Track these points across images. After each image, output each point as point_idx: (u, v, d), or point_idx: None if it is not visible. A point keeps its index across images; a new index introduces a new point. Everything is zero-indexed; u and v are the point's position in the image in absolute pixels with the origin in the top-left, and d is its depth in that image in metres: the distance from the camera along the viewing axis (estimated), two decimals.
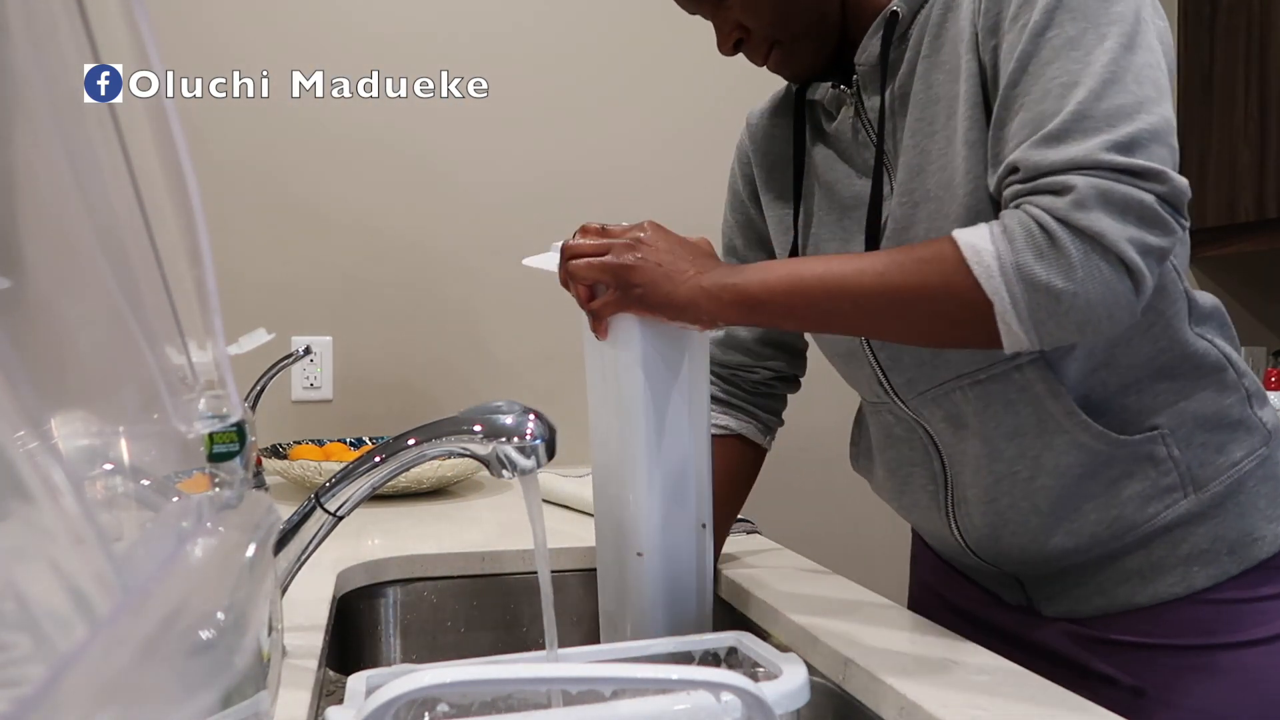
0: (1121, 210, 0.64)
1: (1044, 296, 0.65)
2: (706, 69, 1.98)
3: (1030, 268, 0.65)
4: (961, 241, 0.67)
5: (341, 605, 0.99)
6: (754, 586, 0.91)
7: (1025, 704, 0.62)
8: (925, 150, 0.78)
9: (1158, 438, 0.78)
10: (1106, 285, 0.64)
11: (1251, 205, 2.08)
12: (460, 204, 1.82)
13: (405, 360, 1.80)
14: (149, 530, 0.38)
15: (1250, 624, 0.78)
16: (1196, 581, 0.79)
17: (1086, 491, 0.79)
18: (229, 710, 0.33)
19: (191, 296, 0.42)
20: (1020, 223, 0.65)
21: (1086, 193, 0.63)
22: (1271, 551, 0.79)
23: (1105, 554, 0.81)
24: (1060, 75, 0.67)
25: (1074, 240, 0.64)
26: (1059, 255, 0.64)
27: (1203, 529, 0.79)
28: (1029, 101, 0.68)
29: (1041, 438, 0.79)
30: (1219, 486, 0.78)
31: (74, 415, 0.33)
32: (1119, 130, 0.65)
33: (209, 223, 0.41)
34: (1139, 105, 0.66)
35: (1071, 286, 0.64)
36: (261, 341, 1.30)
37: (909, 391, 0.85)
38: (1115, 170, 0.64)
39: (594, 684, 0.62)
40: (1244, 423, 0.80)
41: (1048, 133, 0.66)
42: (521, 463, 0.64)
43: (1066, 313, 0.65)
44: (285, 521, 0.70)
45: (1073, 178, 0.64)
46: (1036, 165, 0.66)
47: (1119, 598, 0.81)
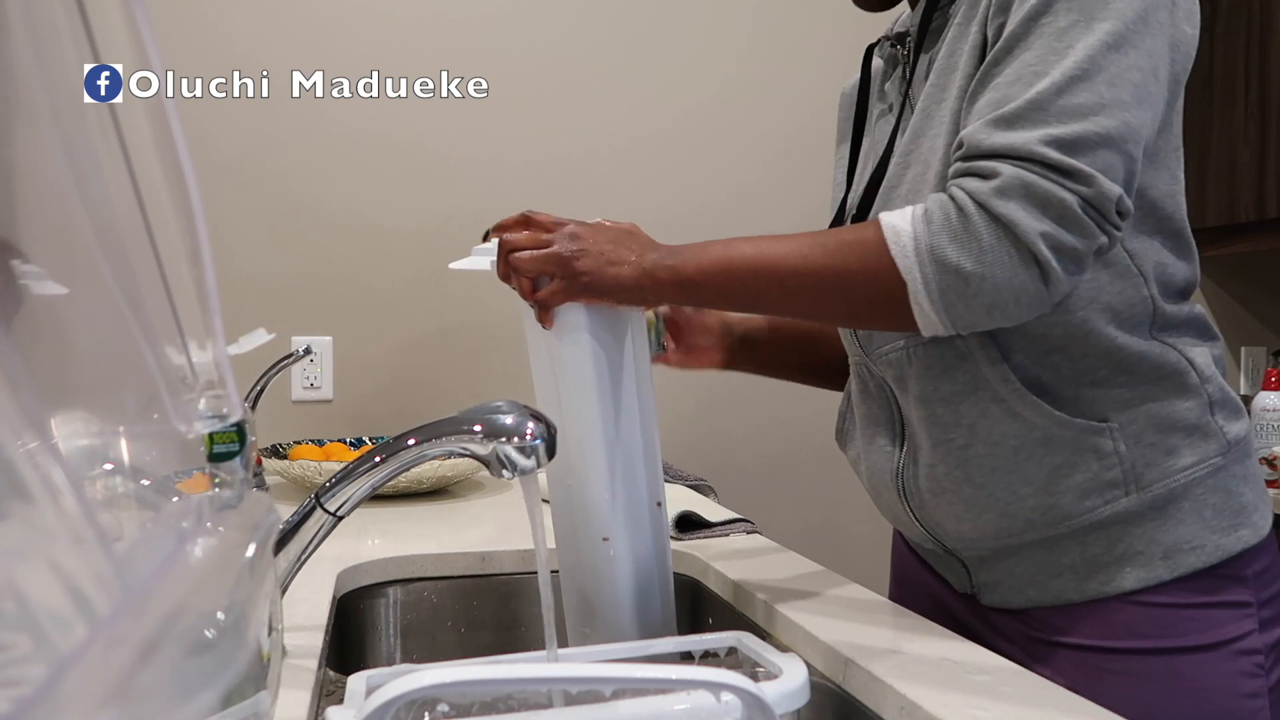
0: (1041, 205, 0.65)
1: (953, 277, 0.67)
2: (707, 69, 1.98)
3: (943, 249, 0.67)
4: (884, 223, 0.70)
5: (341, 605, 0.99)
6: (754, 586, 0.91)
7: (1026, 704, 0.62)
8: (930, 115, 0.80)
9: (1106, 430, 0.77)
10: (1013, 273, 0.66)
11: (1251, 205, 2.08)
12: (460, 204, 1.82)
13: (405, 360, 1.80)
14: (149, 530, 0.38)
15: (1184, 630, 0.76)
16: (1125, 583, 0.78)
17: (1024, 474, 0.78)
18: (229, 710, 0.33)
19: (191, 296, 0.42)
20: (940, 204, 0.68)
21: (1010, 181, 0.65)
22: (1207, 563, 0.76)
23: (1039, 541, 0.80)
24: (1035, 62, 0.68)
25: (987, 225, 0.66)
26: (970, 238, 0.66)
27: (1139, 530, 0.77)
28: (999, 82, 0.70)
29: (977, 405, 0.79)
30: (1162, 489, 0.77)
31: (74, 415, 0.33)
32: (1067, 127, 0.66)
33: (209, 223, 0.41)
34: (1100, 107, 0.66)
35: (980, 269, 0.66)
36: (261, 341, 1.30)
37: (869, 346, 0.87)
38: (1045, 165, 0.65)
39: (594, 684, 0.62)
40: (1200, 429, 0.77)
41: (1000, 115, 0.68)
42: (521, 463, 0.64)
43: (975, 295, 0.67)
44: (285, 521, 0.70)
45: (1003, 165, 0.66)
46: (977, 145, 0.68)
47: (1051, 591, 0.81)
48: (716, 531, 1.18)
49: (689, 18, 1.92)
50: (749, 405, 1.97)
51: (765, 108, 1.97)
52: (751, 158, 1.97)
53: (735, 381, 1.98)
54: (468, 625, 1.08)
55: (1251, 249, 2.14)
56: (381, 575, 1.06)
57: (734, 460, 1.95)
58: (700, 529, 1.17)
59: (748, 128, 1.97)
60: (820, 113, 2.00)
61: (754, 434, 1.97)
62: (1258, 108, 2.07)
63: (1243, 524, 0.78)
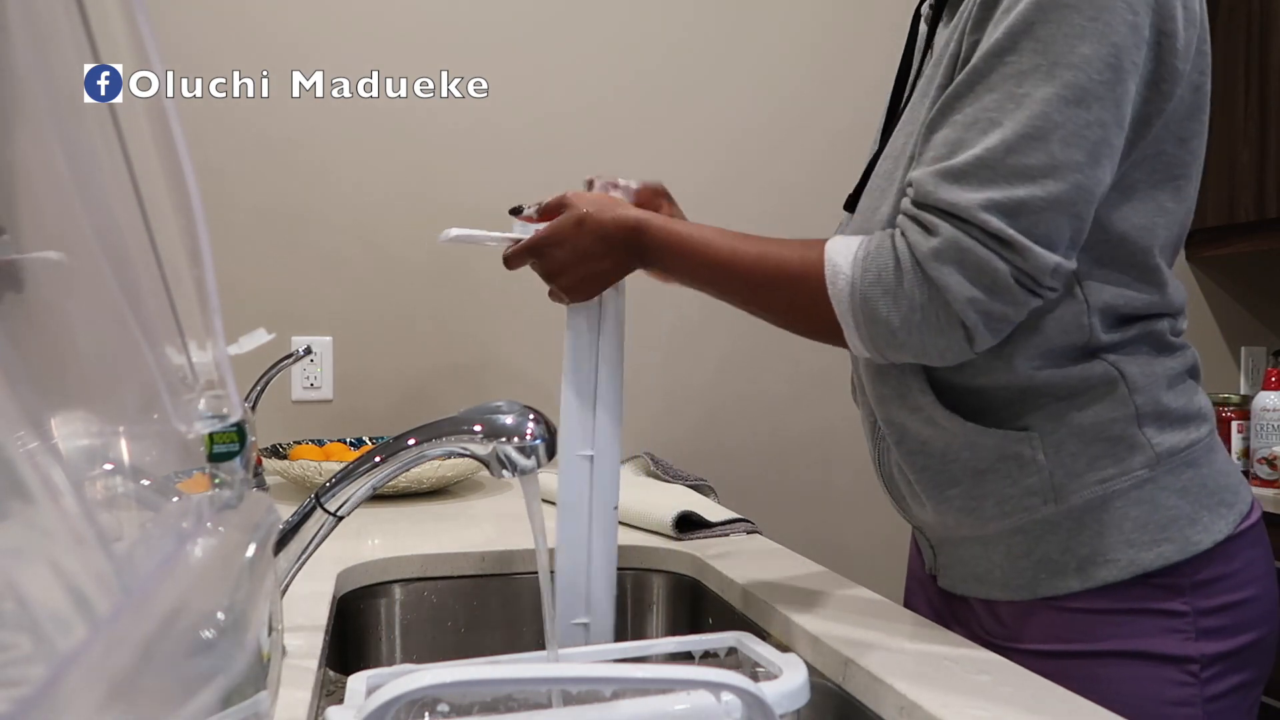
0: (974, 273, 0.67)
1: (882, 329, 0.71)
2: (708, 69, 1.98)
3: (874, 302, 0.70)
4: (827, 258, 0.73)
5: (341, 605, 0.99)
6: (754, 586, 0.91)
7: (1026, 704, 0.62)
8: (915, 108, 0.80)
9: (1026, 439, 0.76)
10: (938, 334, 0.69)
11: (1251, 205, 2.08)
12: (460, 204, 1.82)
13: (405, 360, 1.80)
14: (149, 530, 0.38)
15: (1101, 636, 0.76)
16: (1040, 589, 0.78)
17: (951, 475, 0.80)
18: (229, 710, 0.33)
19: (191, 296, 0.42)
20: (880, 252, 0.71)
21: (947, 244, 0.67)
22: (1120, 577, 0.75)
23: (972, 538, 0.82)
24: (993, 108, 0.67)
25: (919, 285, 0.68)
26: (902, 296, 0.69)
27: (1055, 539, 0.77)
28: (957, 121, 0.70)
29: (903, 410, 0.81)
30: (1078, 500, 0.76)
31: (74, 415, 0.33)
32: (1013, 190, 0.66)
33: (209, 223, 0.41)
34: (1050, 169, 0.66)
35: (906, 328, 0.70)
36: (261, 341, 1.30)
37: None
38: (984, 232, 0.66)
39: (594, 684, 0.62)
40: (1125, 440, 0.75)
41: (949, 167, 0.68)
42: (521, 463, 0.64)
43: (901, 346, 0.71)
44: (285, 521, 0.70)
45: (943, 223, 0.67)
46: (925, 195, 0.69)
47: (984, 585, 0.82)
48: (716, 531, 1.18)
49: (690, 17, 1.92)
50: (750, 405, 1.97)
51: (766, 106, 1.97)
52: (753, 156, 1.97)
53: (736, 382, 1.98)
54: (468, 625, 1.08)
55: (1251, 249, 2.14)
56: (381, 575, 1.06)
57: (734, 460, 1.95)
58: (700, 529, 1.17)
59: (749, 126, 1.97)
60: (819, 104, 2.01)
61: (754, 434, 1.97)
62: (1258, 108, 2.07)
63: (1168, 539, 0.75)
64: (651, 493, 1.38)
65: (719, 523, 1.19)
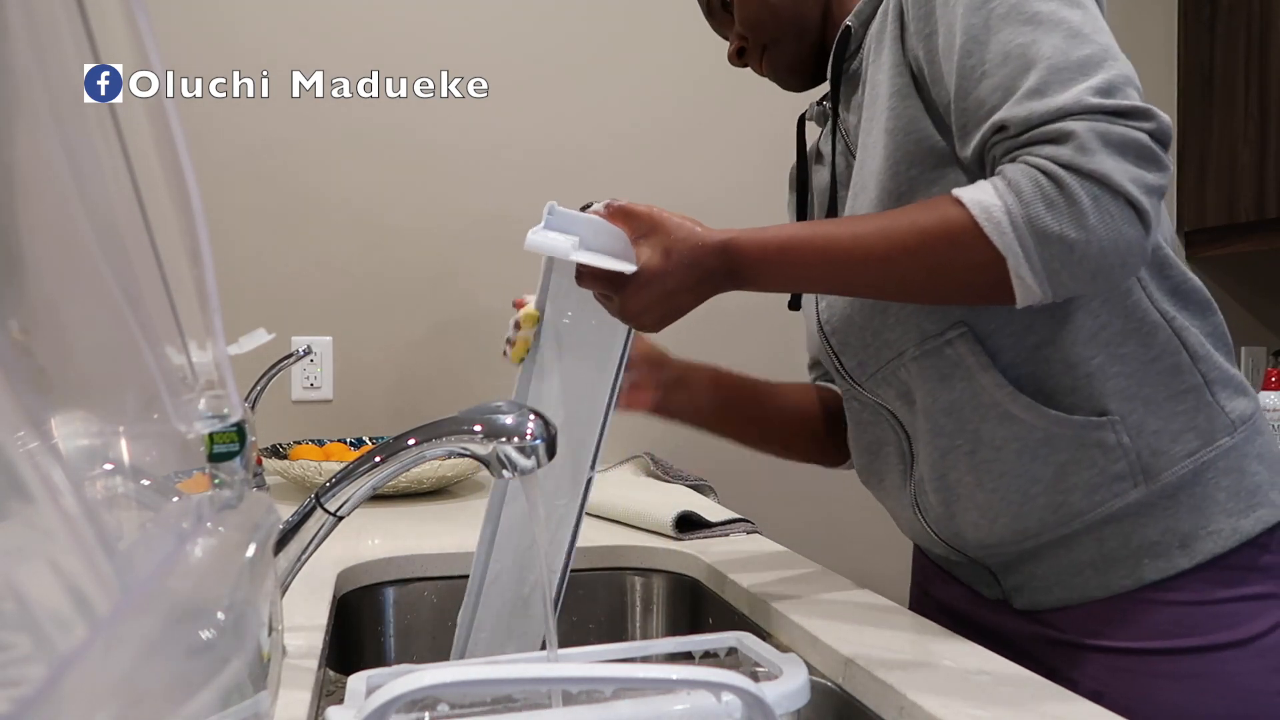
0: (1121, 150, 0.63)
1: (1057, 247, 0.64)
2: (708, 69, 1.98)
3: (1042, 219, 0.64)
4: (966, 199, 0.66)
5: (341, 605, 0.99)
6: (754, 586, 0.91)
7: (1025, 704, 0.62)
8: (865, 146, 0.82)
9: (1107, 424, 0.76)
10: (1118, 230, 0.64)
11: (1251, 205, 2.08)
12: (460, 204, 1.82)
13: (405, 360, 1.80)
14: (149, 530, 0.38)
15: (1209, 628, 0.76)
16: (1146, 574, 0.77)
17: (1031, 474, 0.78)
18: (229, 710, 0.33)
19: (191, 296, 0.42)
20: (1025, 174, 0.65)
21: (1086, 136, 0.63)
22: (1225, 547, 0.76)
23: (1055, 540, 0.80)
24: (1016, 38, 0.68)
25: (1083, 186, 0.63)
26: (1070, 204, 0.63)
27: (1153, 520, 0.77)
28: (990, 68, 0.69)
29: (977, 411, 0.79)
30: (1172, 477, 0.76)
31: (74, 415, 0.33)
32: (1095, 77, 0.65)
33: (209, 223, 0.41)
34: (1104, 54, 0.67)
35: (1084, 235, 0.63)
36: (261, 341, 1.30)
37: (861, 374, 0.87)
38: (1106, 113, 0.64)
39: (594, 684, 0.62)
40: (1203, 410, 0.76)
41: (1028, 89, 0.66)
42: (521, 463, 0.64)
43: (1080, 261, 0.64)
44: (285, 521, 0.70)
45: (1069, 124, 0.64)
46: (1026, 118, 0.66)
47: (1075, 589, 0.80)
48: (716, 531, 1.18)
49: (690, 17, 1.92)
50: None
51: (767, 106, 1.97)
52: (755, 155, 1.97)
53: None
54: None
55: (1251, 249, 2.14)
56: (381, 575, 1.06)
57: (734, 460, 1.95)
58: (700, 529, 1.17)
59: (750, 126, 1.97)
60: None
61: None
62: (1258, 108, 2.06)
63: (1260, 503, 0.77)
64: (651, 493, 1.38)
65: (719, 523, 1.19)
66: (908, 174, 0.77)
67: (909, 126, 0.77)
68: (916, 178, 0.77)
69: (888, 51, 0.78)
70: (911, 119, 0.77)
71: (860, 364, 0.87)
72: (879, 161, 0.78)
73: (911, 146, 0.77)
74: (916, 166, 0.77)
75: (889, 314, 0.82)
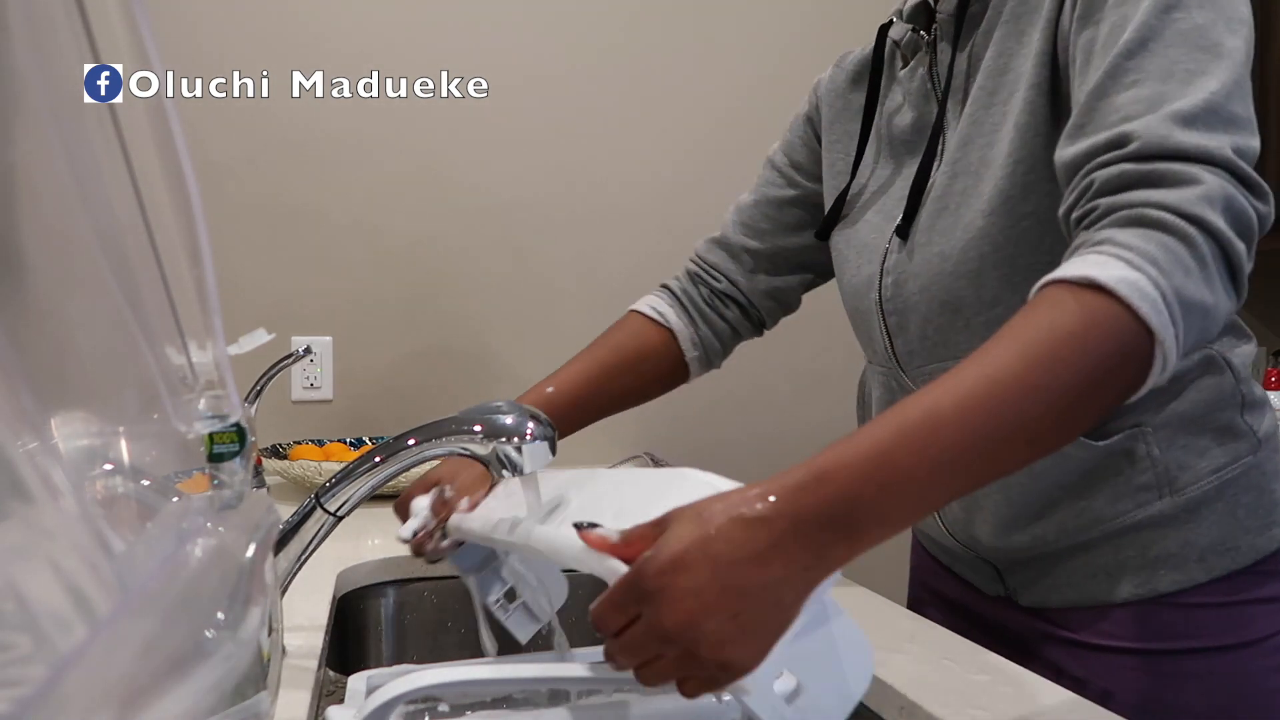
0: (1236, 221, 0.57)
1: (1198, 316, 0.55)
2: (709, 68, 1.98)
3: (1185, 288, 0.54)
4: (1104, 279, 0.53)
5: (341, 605, 0.99)
6: None
7: (1025, 704, 0.62)
8: (979, 121, 0.76)
9: (1138, 434, 0.75)
10: (1230, 296, 0.57)
11: None
12: (460, 204, 1.82)
13: (405, 360, 1.80)
14: (149, 530, 0.38)
15: (1218, 630, 0.76)
16: (1160, 585, 0.76)
17: (1057, 479, 0.78)
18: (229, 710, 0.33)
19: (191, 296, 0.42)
20: (1149, 238, 0.55)
21: (1215, 192, 0.56)
22: (1242, 564, 0.76)
23: (1074, 545, 0.79)
24: (1186, 61, 0.60)
25: (1209, 246, 0.55)
26: (1202, 268, 0.55)
27: (1174, 533, 0.76)
28: (1146, 78, 0.61)
29: None
30: (1196, 492, 0.75)
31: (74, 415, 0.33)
32: (1242, 137, 0.59)
33: (209, 223, 0.41)
34: (1251, 123, 0.61)
35: (1214, 300, 0.56)
36: (261, 341, 1.29)
37: (909, 362, 0.85)
38: (1240, 179, 0.57)
39: (594, 684, 0.62)
40: (1232, 428, 0.76)
41: (1177, 112, 0.58)
42: (521, 463, 0.64)
43: (1207, 328, 0.56)
44: (285, 521, 0.70)
45: (1202, 171, 0.56)
46: (1162, 142, 0.57)
47: (1086, 592, 0.80)
48: None
49: (691, 17, 1.92)
50: (750, 406, 1.97)
51: (769, 106, 1.97)
52: (758, 155, 1.97)
53: (736, 383, 1.98)
54: (468, 625, 1.08)
55: None
56: (381, 575, 1.06)
57: (734, 460, 1.95)
58: None
59: (751, 125, 1.97)
60: None
61: (754, 433, 1.97)
62: (1258, 108, 2.06)
63: (1276, 521, 0.77)
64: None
65: None
66: (1025, 178, 0.72)
67: (1041, 127, 0.72)
68: (1034, 184, 0.72)
69: (1039, 33, 0.71)
70: (1045, 119, 0.71)
71: (911, 352, 0.84)
72: (999, 153, 0.73)
73: (1040, 151, 0.71)
74: (1036, 172, 0.72)
75: (961, 314, 0.78)
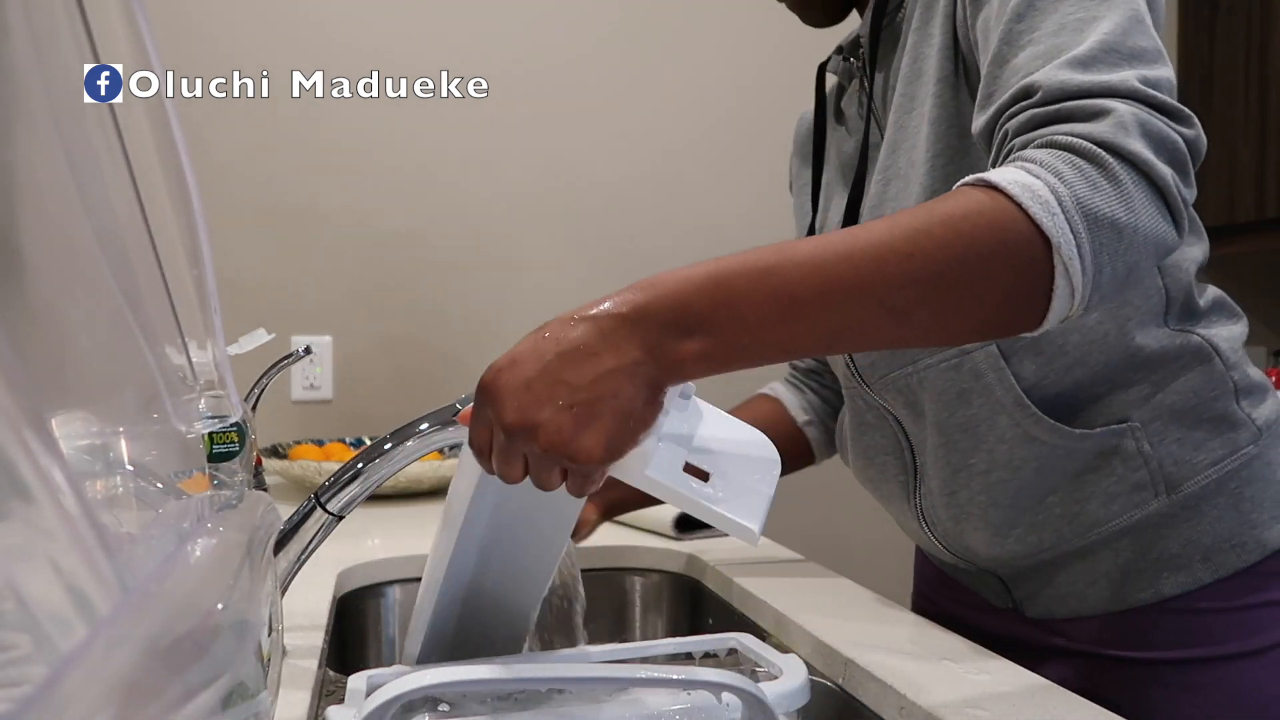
0: (1157, 146, 0.56)
1: (1108, 230, 0.54)
2: (709, 68, 1.98)
3: (1090, 200, 0.53)
4: (999, 181, 0.54)
5: (341, 605, 0.99)
6: (754, 586, 0.91)
7: (1025, 704, 0.62)
8: (903, 126, 0.76)
9: (1127, 431, 0.72)
10: (1157, 220, 0.55)
11: (1251, 205, 2.08)
12: (461, 204, 1.82)
13: (405, 360, 1.81)
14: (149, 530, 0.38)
15: (1227, 637, 0.73)
16: (1165, 589, 0.74)
17: (1048, 484, 0.75)
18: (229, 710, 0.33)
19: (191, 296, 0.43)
20: (1056, 157, 0.55)
21: (1128, 119, 0.55)
22: (1249, 561, 0.72)
23: (1071, 552, 0.77)
24: (1077, 11, 0.61)
25: (1124, 168, 0.55)
26: (1114, 184, 0.54)
27: (1175, 533, 0.73)
28: (1040, 35, 0.61)
29: (994, 430, 0.75)
30: (1195, 488, 0.72)
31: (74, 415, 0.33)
32: (1149, 68, 0.59)
33: (209, 223, 0.41)
34: (1159, 53, 0.61)
35: (1132, 219, 0.54)
36: (261, 341, 1.29)
37: (872, 374, 0.83)
38: (1150, 105, 0.57)
39: (594, 684, 0.62)
40: (1228, 418, 0.73)
41: (1074, 57, 0.59)
42: None
43: (1125, 251, 0.55)
44: (285, 521, 0.70)
45: (1110, 102, 0.56)
46: (1063, 86, 0.58)
47: (1090, 601, 0.77)
48: (717, 531, 1.17)
49: (691, 17, 1.92)
50: None
51: (769, 106, 1.97)
52: (757, 155, 1.97)
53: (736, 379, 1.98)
54: None
55: (1252, 249, 2.14)
56: (381, 575, 1.06)
57: None
58: (700, 529, 1.17)
59: (750, 126, 1.97)
60: None
61: None
62: (1258, 108, 2.06)
63: None
64: None
65: None
66: (947, 169, 0.72)
67: (953, 119, 0.72)
68: (955, 174, 0.70)
69: (939, 29, 0.72)
70: (957, 111, 0.72)
71: (873, 364, 0.83)
72: (920, 152, 0.74)
73: (955, 141, 0.72)
74: (955, 163, 0.72)
75: None
